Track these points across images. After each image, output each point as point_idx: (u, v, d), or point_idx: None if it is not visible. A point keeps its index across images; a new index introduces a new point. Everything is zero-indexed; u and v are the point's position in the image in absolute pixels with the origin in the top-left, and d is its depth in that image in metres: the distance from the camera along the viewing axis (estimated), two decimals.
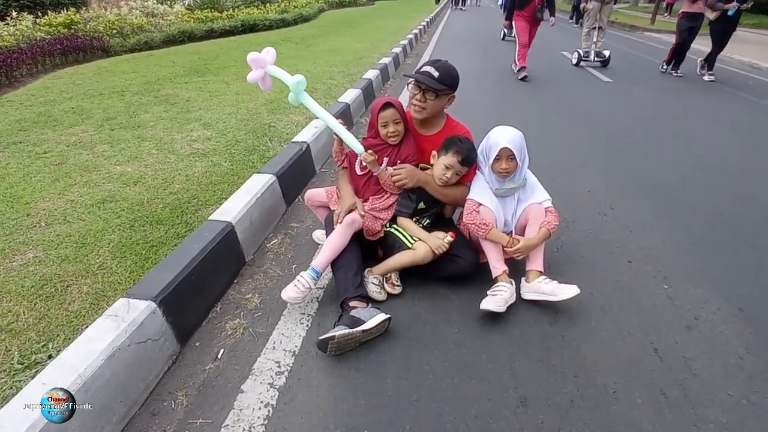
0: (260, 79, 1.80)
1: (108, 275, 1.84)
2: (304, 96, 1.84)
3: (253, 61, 1.77)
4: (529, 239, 1.81)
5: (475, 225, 1.80)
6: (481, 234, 1.80)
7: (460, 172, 1.85)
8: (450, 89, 1.84)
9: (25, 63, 5.78)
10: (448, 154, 1.83)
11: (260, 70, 1.78)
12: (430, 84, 1.78)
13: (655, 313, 1.79)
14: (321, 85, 5.11)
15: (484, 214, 1.82)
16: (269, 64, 1.78)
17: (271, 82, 1.85)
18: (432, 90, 1.80)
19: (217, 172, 2.79)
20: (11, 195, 2.50)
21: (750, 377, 1.49)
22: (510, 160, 1.77)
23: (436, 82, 1.79)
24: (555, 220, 1.84)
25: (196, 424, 1.35)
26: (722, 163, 3.38)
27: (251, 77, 1.80)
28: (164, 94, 4.64)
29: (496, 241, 1.81)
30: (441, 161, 1.85)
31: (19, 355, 1.44)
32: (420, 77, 1.80)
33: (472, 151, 1.85)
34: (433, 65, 1.83)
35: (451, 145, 1.83)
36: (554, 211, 1.87)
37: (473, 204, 1.85)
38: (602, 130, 4.15)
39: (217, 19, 10.26)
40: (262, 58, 1.76)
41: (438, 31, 12.73)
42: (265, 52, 1.78)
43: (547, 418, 1.35)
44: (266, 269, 2.09)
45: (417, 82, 1.83)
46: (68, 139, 3.35)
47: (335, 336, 1.52)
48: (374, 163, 1.87)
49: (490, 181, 1.86)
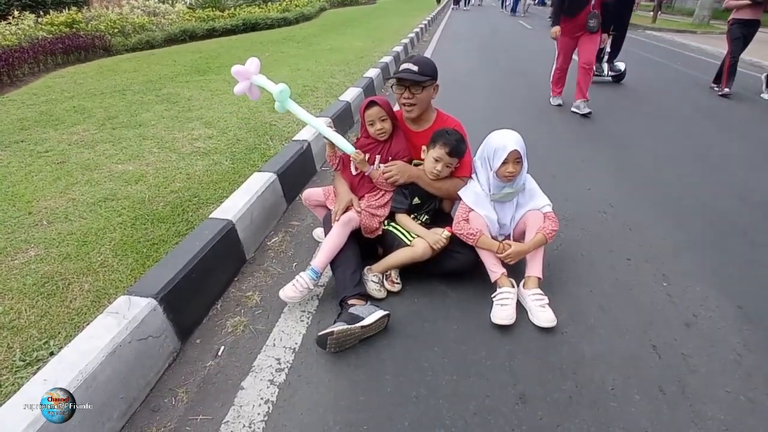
0: (247, 90, 1.83)
1: (109, 273, 1.85)
2: (290, 103, 1.85)
3: (238, 74, 1.79)
4: (520, 245, 1.80)
5: (464, 235, 1.81)
6: (470, 242, 1.81)
7: (450, 163, 1.85)
8: (433, 78, 1.85)
9: (27, 62, 5.81)
10: (436, 147, 1.83)
11: (246, 82, 1.80)
12: (413, 78, 1.79)
13: (654, 310, 1.79)
14: (322, 83, 5.11)
15: (473, 221, 1.82)
16: (254, 74, 1.80)
17: (258, 92, 1.87)
18: (417, 83, 1.81)
19: (218, 170, 2.80)
20: (13, 193, 2.51)
21: (748, 374, 1.49)
22: (517, 162, 1.76)
23: (419, 74, 1.79)
24: (553, 225, 1.83)
25: (197, 420, 1.36)
26: (722, 160, 3.37)
27: (237, 89, 1.83)
28: (165, 93, 4.65)
29: (486, 248, 1.82)
30: (430, 154, 1.86)
31: (21, 352, 1.46)
32: (402, 75, 1.81)
33: (461, 142, 1.84)
34: (409, 61, 1.83)
35: (439, 137, 1.84)
36: (554, 217, 1.87)
37: (464, 211, 1.85)
38: (602, 128, 4.15)
39: (218, 18, 10.27)
40: (246, 70, 1.78)
41: (435, 38, 12.70)
42: (249, 63, 1.80)
43: (545, 415, 1.36)
44: (267, 267, 2.10)
45: (400, 81, 1.83)
46: (70, 138, 3.36)
47: (334, 331, 1.53)
48: (364, 162, 1.90)
49: (490, 185, 1.85)
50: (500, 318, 1.69)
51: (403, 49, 7.94)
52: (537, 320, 1.69)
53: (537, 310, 1.71)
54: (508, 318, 1.68)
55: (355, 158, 1.89)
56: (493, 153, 1.78)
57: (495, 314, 1.71)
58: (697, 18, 13.73)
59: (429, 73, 1.83)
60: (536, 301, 1.73)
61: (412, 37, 9.48)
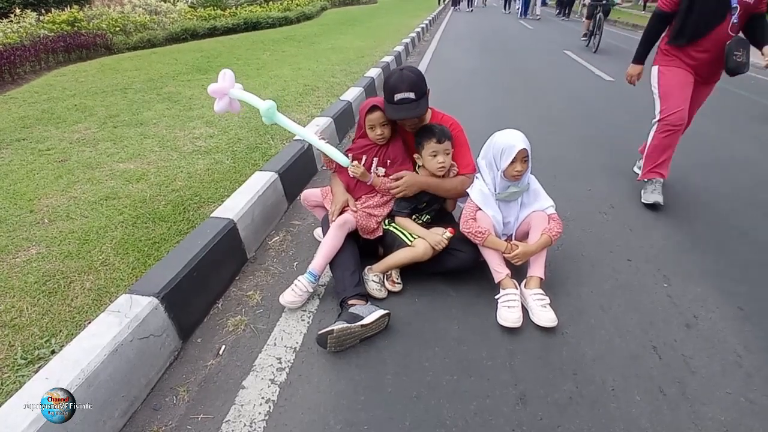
0: (227, 107, 1.81)
1: (110, 271, 1.85)
2: (278, 117, 1.83)
3: (215, 92, 1.77)
4: (527, 246, 1.80)
5: (472, 233, 1.80)
6: (478, 241, 1.81)
7: (447, 150, 1.85)
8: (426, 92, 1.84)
9: (29, 60, 5.82)
10: (425, 145, 1.84)
11: (225, 98, 1.78)
12: (417, 114, 1.80)
13: (655, 311, 1.80)
14: (323, 83, 5.11)
15: (481, 221, 1.82)
16: (230, 88, 1.78)
17: (239, 104, 1.86)
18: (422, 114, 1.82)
19: (219, 169, 2.80)
20: (15, 192, 2.52)
21: (748, 375, 1.49)
22: (524, 161, 1.76)
23: (418, 102, 1.79)
24: (557, 227, 1.83)
25: (198, 419, 1.37)
26: (723, 161, 3.37)
27: (217, 108, 1.80)
28: (167, 92, 4.65)
29: (493, 248, 1.82)
30: (425, 155, 1.86)
31: (23, 350, 1.46)
32: (407, 113, 1.79)
33: (442, 127, 1.85)
34: (401, 88, 1.76)
35: (420, 137, 1.85)
36: (557, 218, 1.87)
37: (471, 210, 1.85)
38: (603, 129, 4.15)
39: (219, 17, 10.29)
40: (222, 87, 1.76)
41: (431, 49, 12.69)
42: (222, 77, 1.77)
43: (545, 415, 1.36)
44: (268, 266, 2.10)
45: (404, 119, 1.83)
46: (71, 137, 3.37)
47: (334, 330, 1.53)
48: (365, 174, 1.90)
49: (496, 185, 1.85)
50: (509, 321, 1.68)
51: (404, 48, 7.95)
52: (538, 320, 1.70)
53: (538, 309, 1.71)
54: (516, 321, 1.68)
55: (353, 171, 1.89)
56: (501, 152, 1.77)
57: (502, 316, 1.71)
58: None
59: (424, 89, 1.82)
60: (538, 301, 1.73)
61: (413, 37, 9.48)
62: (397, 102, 1.77)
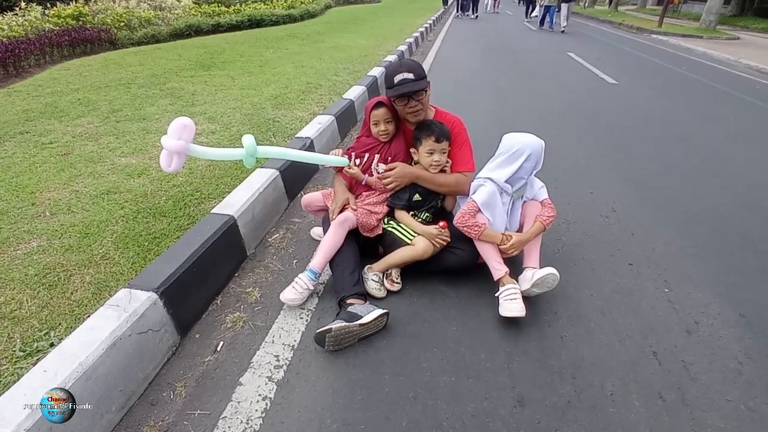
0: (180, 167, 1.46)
1: (110, 265, 1.85)
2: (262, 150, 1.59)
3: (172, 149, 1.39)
4: (520, 234, 1.82)
5: (467, 227, 1.80)
6: (473, 235, 1.80)
7: (443, 149, 1.86)
8: (426, 78, 1.86)
9: (33, 54, 5.82)
10: (423, 142, 1.85)
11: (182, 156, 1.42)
12: (416, 88, 1.80)
13: (655, 316, 1.79)
14: (326, 81, 5.11)
15: (478, 219, 1.82)
16: (189, 143, 1.41)
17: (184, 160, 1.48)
18: (420, 90, 1.82)
19: (221, 165, 2.80)
20: (17, 184, 2.52)
21: (749, 383, 1.49)
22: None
23: (417, 82, 1.80)
24: (550, 212, 1.85)
25: (195, 415, 1.36)
26: (726, 167, 3.35)
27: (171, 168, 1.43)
28: (170, 88, 4.65)
29: (489, 241, 1.81)
30: (421, 151, 1.88)
31: (21, 342, 1.46)
32: (404, 89, 1.80)
33: (441, 126, 1.87)
34: (401, 70, 1.80)
35: (419, 133, 1.87)
36: (550, 203, 1.89)
37: (473, 207, 1.83)
38: (606, 132, 4.14)
39: (224, 14, 10.29)
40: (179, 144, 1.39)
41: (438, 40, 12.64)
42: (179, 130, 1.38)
43: (543, 419, 1.36)
44: (267, 263, 2.10)
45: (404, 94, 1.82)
46: (74, 130, 3.37)
47: (332, 328, 1.53)
48: (359, 174, 1.93)
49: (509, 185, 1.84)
50: (513, 311, 1.66)
51: (408, 48, 7.94)
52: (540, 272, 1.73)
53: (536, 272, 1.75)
54: (520, 310, 1.66)
55: (348, 172, 1.92)
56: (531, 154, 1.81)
57: (506, 308, 1.69)
58: (703, 23, 13.68)
59: (423, 74, 1.85)
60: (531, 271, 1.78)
61: (417, 37, 9.47)
62: (397, 83, 1.80)
